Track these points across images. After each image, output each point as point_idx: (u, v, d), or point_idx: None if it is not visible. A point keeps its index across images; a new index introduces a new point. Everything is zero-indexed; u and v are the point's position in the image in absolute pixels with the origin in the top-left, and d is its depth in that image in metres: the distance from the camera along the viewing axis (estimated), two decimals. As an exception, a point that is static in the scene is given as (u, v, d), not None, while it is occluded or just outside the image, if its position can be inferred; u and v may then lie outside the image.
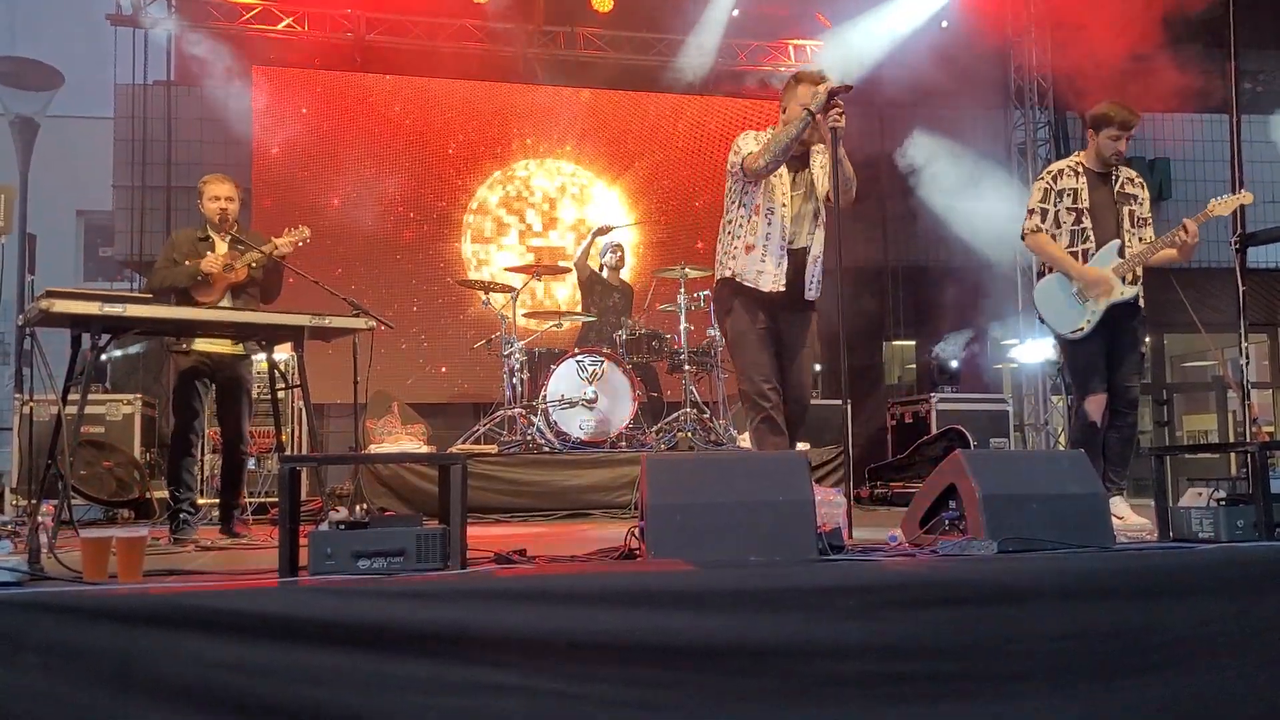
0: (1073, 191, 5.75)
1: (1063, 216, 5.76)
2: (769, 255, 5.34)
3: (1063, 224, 5.76)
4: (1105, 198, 5.76)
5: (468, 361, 11.01)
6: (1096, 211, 5.72)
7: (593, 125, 12.10)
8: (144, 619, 2.82)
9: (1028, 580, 3.36)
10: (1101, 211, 5.73)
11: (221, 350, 5.81)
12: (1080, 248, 5.72)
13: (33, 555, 3.58)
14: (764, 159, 5.23)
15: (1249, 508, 3.94)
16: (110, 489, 7.60)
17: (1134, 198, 5.82)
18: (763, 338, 5.37)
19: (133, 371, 10.13)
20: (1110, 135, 5.70)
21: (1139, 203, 5.82)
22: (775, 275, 5.32)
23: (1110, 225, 5.72)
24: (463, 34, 11.97)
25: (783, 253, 5.33)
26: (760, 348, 5.37)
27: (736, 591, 3.14)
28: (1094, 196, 5.74)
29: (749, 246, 5.38)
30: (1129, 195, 5.81)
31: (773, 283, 5.32)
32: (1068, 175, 5.78)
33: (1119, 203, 5.76)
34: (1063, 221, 5.76)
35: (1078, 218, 5.73)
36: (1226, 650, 3.40)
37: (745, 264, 5.37)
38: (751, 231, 5.38)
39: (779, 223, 5.34)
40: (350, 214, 11.12)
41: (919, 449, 9.72)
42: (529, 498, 7.68)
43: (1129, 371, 5.71)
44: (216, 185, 5.93)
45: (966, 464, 3.84)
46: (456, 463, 3.45)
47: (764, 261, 5.34)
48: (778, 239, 5.34)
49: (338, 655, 2.87)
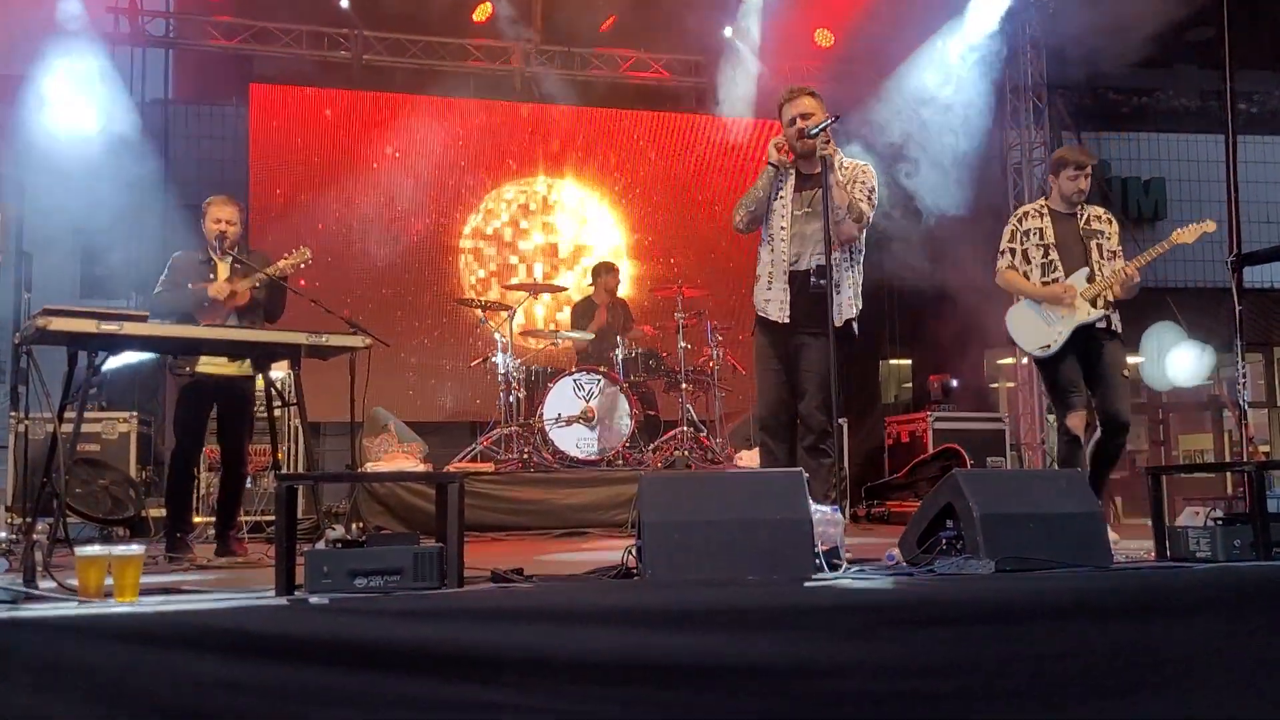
0: (1038, 230, 6.07)
1: (1031, 253, 6.07)
2: (774, 283, 5.39)
3: (1032, 259, 6.06)
4: (1071, 232, 6.05)
5: (465, 380, 11.00)
6: (1063, 245, 6.02)
7: (593, 143, 12.11)
8: (139, 637, 2.82)
9: (1025, 599, 3.36)
10: (1068, 245, 6.02)
11: (225, 371, 5.81)
12: (1050, 278, 5.99)
13: (28, 573, 3.57)
14: (736, 215, 5.49)
15: (1246, 527, 3.93)
16: (106, 507, 7.58)
17: (1101, 233, 6.08)
18: (775, 367, 5.42)
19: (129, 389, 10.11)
20: (1069, 176, 6.02)
21: (1106, 237, 6.08)
22: (781, 303, 5.35)
23: (1078, 256, 6.00)
24: (461, 52, 12.00)
25: (786, 278, 5.35)
26: (765, 376, 5.46)
27: (734, 610, 3.13)
28: (1059, 232, 6.04)
29: (758, 277, 5.50)
30: (1096, 230, 6.08)
31: (779, 311, 5.35)
32: (1033, 216, 6.12)
33: (1086, 237, 6.04)
34: (1032, 257, 6.06)
35: (1045, 252, 6.03)
36: (1223, 670, 3.40)
37: (758, 294, 5.48)
38: (760, 261, 5.50)
39: (780, 248, 5.38)
40: (347, 231, 11.12)
41: (916, 468, 9.72)
42: (526, 516, 7.68)
43: (1117, 396, 5.86)
44: (219, 208, 5.94)
45: (964, 483, 3.84)
46: (453, 481, 3.45)
47: (770, 289, 5.41)
48: (782, 265, 5.37)
49: (334, 674, 2.86)
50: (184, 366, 5.74)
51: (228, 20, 11.47)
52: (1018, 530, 3.71)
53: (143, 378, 9.89)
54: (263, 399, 6.72)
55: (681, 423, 8.71)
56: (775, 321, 5.37)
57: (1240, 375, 6.28)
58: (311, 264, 6.06)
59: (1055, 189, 6.13)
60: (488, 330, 9.18)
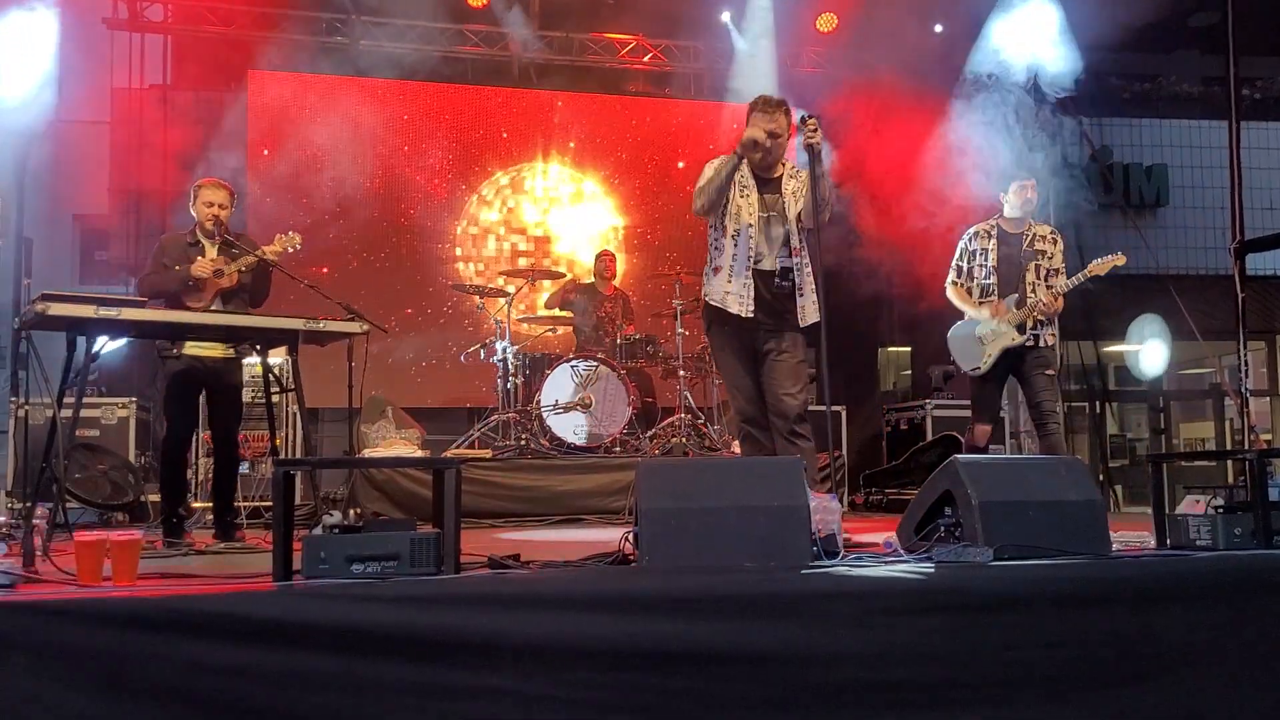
0: (983, 251, 6.58)
1: (975, 272, 6.61)
2: (735, 277, 5.33)
3: (975, 278, 6.60)
4: (1013, 255, 6.51)
5: (462, 366, 10.97)
6: (1002, 267, 6.51)
7: (589, 130, 12.08)
8: (137, 622, 2.82)
9: (1024, 587, 3.35)
10: (1006, 267, 6.50)
11: (212, 354, 5.79)
12: (986, 300, 6.53)
13: (27, 558, 3.58)
14: (698, 201, 5.41)
15: (1247, 515, 3.93)
16: (105, 492, 7.59)
17: (1043, 253, 6.50)
18: (738, 357, 5.40)
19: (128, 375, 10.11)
20: (1015, 189, 6.52)
21: (1049, 257, 6.51)
22: (741, 298, 5.30)
23: (1013, 279, 6.47)
24: (459, 38, 11.96)
25: (748, 275, 5.30)
26: (734, 367, 5.43)
27: (731, 597, 3.13)
28: (1002, 254, 6.52)
29: (718, 269, 5.42)
30: (1038, 251, 6.50)
31: (739, 305, 5.30)
32: (981, 237, 6.61)
33: (1025, 260, 6.47)
34: (975, 276, 6.60)
35: (986, 274, 6.55)
36: (1223, 658, 3.39)
37: (715, 286, 5.41)
38: (719, 253, 5.43)
39: (745, 244, 5.31)
40: (345, 217, 11.08)
41: (914, 455, 9.72)
42: (523, 502, 7.68)
43: (1039, 389, 6.40)
44: (211, 191, 5.90)
45: (962, 470, 3.84)
46: (451, 467, 3.44)
47: (730, 283, 5.34)
48: (744, 260, 5.31)
49: (331, 659, 2.86)
50: (173, 349, 5.72)
51: (226, 6, 11.42)
52: (1016, 518, 3.71)
53: (141, 363, 9.89)
54: (254, 383, 6.72)
55: (679, 410, 8.71)
56: (736, 315, 5.31)
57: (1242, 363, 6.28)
58: (305, 246, 6.05)
59: (1006, 203, 6.56)
60: (485, 316, 9.18)
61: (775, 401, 5.28)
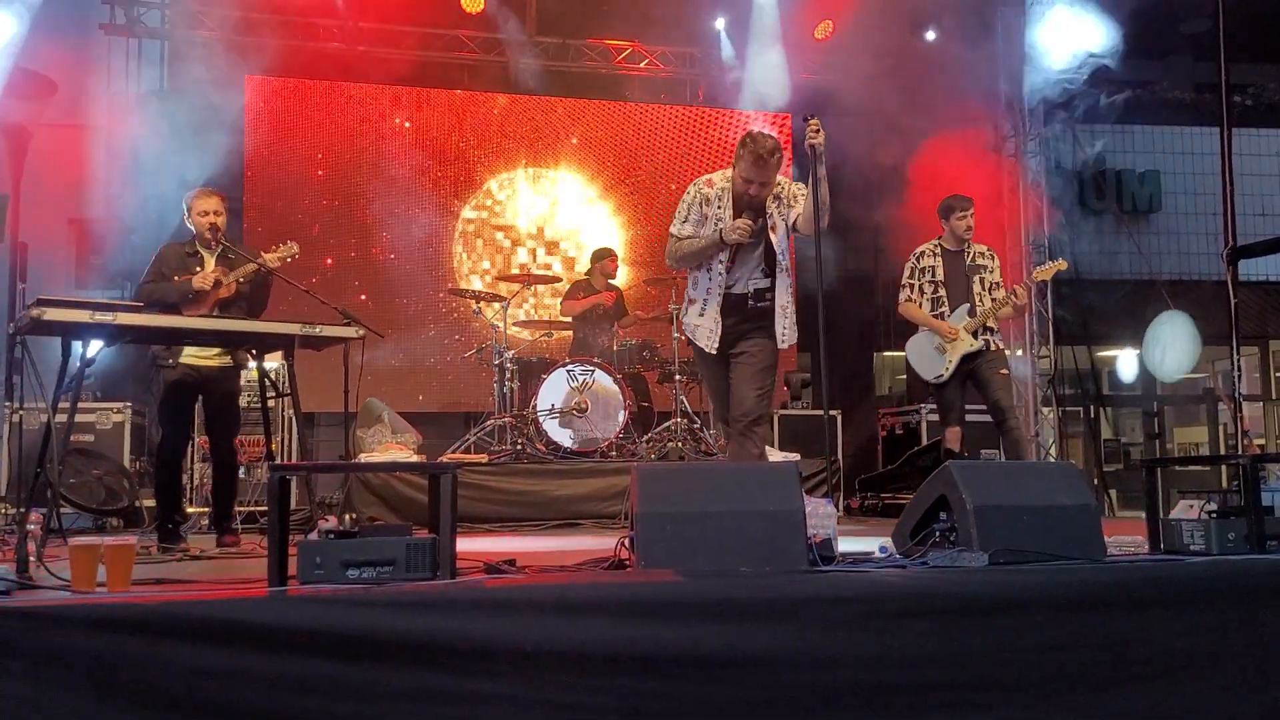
0: (931, 269, 7.11)
1: (925, 288, 7.12)
2: (706, 310, 5.34)
3: (925, 293, 7.12)
4: (958, 269, 7.07)
5: (458, 371, 11.00)
6: (950, 282, 7.07)
7: (585, 135, 12.10)
8: (131, 627, 2.81)
9: (1018, 592, 3.36)
10: (954, 281, 7.06)
11: (209, 363, 5.79)
12: (938, 311, 7.06)
13: (21, 564, 3.57)
14: (676, 264, 5.45)
15: (1240, 520, 3.94)
16: (100, 498, 7.58)
17: (984, 268, 7.10)
18: (719, 370, 5.42)
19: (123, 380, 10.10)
20: (958, 217, 7.04)
21: (989, 271, 7.10)
22: (710, 332, 5.31)
23: (961, 291, 7.04)
24: (455, 44, 11.97)
25: (717, 310, 5.30)
26: (711, 374, 5.51)
27: (726, 602, 3.13)
28: (948, 270, 7.07)
29: (692, 301, 5.43)
30: (980, 265, 7.09)
31: (708, 341, 5.32)
32: (928, 256, 7.13)
33: (970, 273, 7.05)
34: (925, 291, 7.12)
35: (936, 288, 7.08)
36: (1216, 663, 3.40)
37: (689, 318, 5.43)
38: (694, 285, 5.42)
39: (718, 270, 5.28)
40: (341, 223, 11.11)
41: (909, 460, 9.72)
42: (519, 507, 7.68)
43: (995, 388, 6.91)
44: (204, 200, 5.90)
45: (957, 475, 3.85)
46: (446, 472, 3.45)
47: (702, 316, 5.35)
48: (715, 291, 5.30)
49: (326, 665, 2.86)
50: (169, 358, 5.73)
51: (222, 11, 11.41)
52: (1011, 522, 3.71)
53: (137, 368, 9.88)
54: (250, 388, 6.71)
55: (675, 414, 8.71)
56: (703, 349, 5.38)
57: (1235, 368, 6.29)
58: (301, 253, 6.06)
59: (948, 230, 7.08)
60: (482, 321, 9.18)
61: (736, 402, 5.28)
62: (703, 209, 5.28)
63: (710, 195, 5.28)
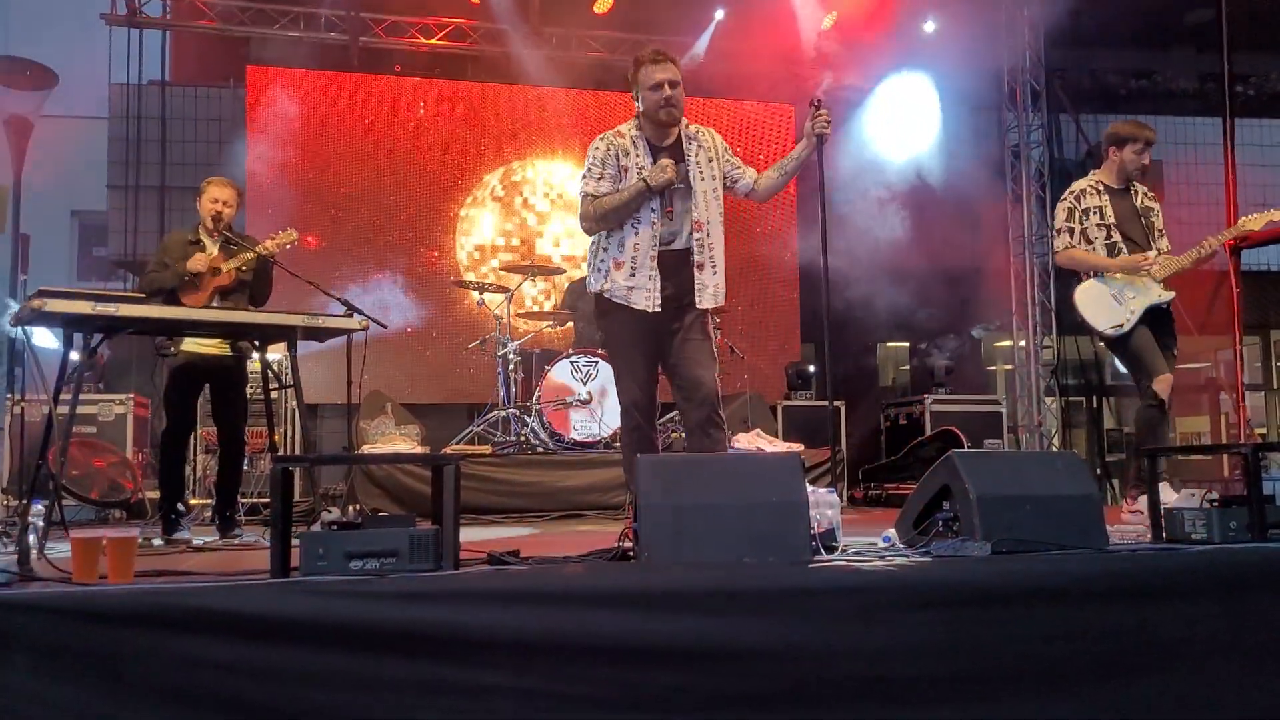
0: (1098, 209, 6.01)
1: (1092, 232, 6.01)
2: (639, 270, 4.83)
3: (1094, 239, 6.01)
4: (1129, 210, 6.04)
5: (462, 362, 10.99)
6: (1124, 224, 6.00)
7: (588, 126, 12.06)
8: (134, 619, 2.82)
9: (1021, 581, 3.36)
10: (1129, 224, 6.01)
11: (212, 351, 5.80)
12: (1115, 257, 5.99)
13: (23, 556, 3.57)
14: (590, 224, 4.96)
15: (1242, 509, 3.94)
16: (102, 489, 7.59)
17: (1152, 210, 6.10)
18: (637, 346, 4.92)
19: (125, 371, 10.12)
20: (1135, 150, 6.00)
21: (1156, 215, 6.11)
22: (649, 292, 4.81)
23: (1140, 235, 6.02)
24: (458, 34, 11.96)
25: (654, 265, 4.82)
26: (632, 356, 4.94)
27: (730, 593, 3.13)
28: (1119, 210, 6.01)
29: (618, 263, 4.87)
30: (1148, 208, 6.09)
31: (646, 300, 4.81)
32: (1090, 194, 6.05)
33: (1142, 215, 6.06)
34: (1094, 237, 6.01)
35: (1108, 232, 5.99)
36: (1218, 651, 3.40)
37: (615, 282, 4.88)
38: (619, 246, 4.88)
39: (647, 231, 4.83)
40: (344, 214, 11.11)
41: (913, 450, 9.73)
42: (523, 499, 7.68)
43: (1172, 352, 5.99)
44: (217, 188, 5.94)
45: (960, 465, 3.84)
46: (450, 463, 3.45)
47: (634, 277, 4.83)
48: (647, 249, 4.83)
49: (329, 656, 2.86)
50: (170, 347, 5.73)
51: (224, 2, 11.41)
52: (1014, 512, 3.71)
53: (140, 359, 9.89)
54: (257, 380, 6.71)
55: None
56: (643, 311, 4.83)
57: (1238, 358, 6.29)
58: (305, 242, 6.06)
59: (1115, 163, 6.08)
60: (485, 312, 9.18)
61: (691, 387, 4.85)
62: (619, 161, 4.88)
63: (624, 145, 4.91)
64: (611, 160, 4.90)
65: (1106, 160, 6.11)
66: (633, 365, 4.93)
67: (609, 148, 4.91)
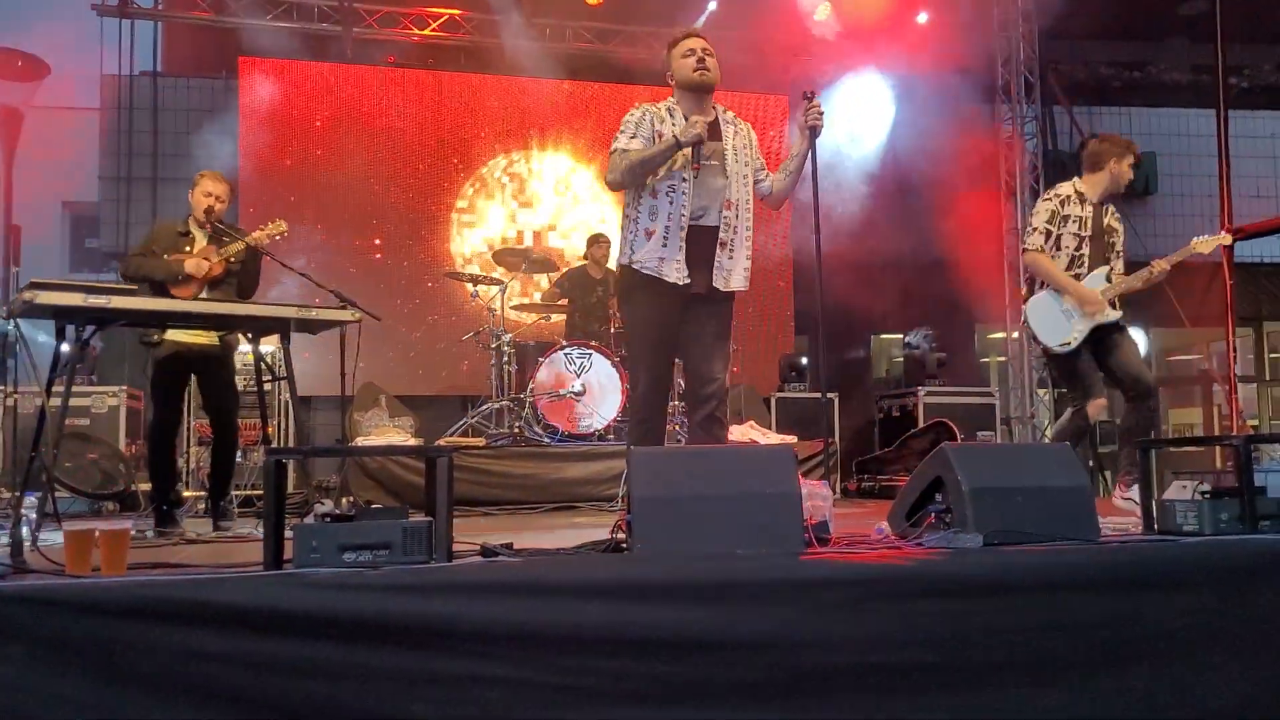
0: (1079, 220, 5.99)
1: (1065, 241, 5.99)
2: (670, 240, 4.78)
3: (1064, 247, 5.99)
4: (1098, 228, 6.04)
5: (456, 354, 10.99)
6: (1094, 239, 6.00)
7: (582, 118, 12.07)
8: (127, 611, 2.81)
9: (1013, 573, 3.36)
10: (1097, 240, 6.02)
11: (198, 341, 5.79)
12: (1075, 271, 5.98)
13: (15, 548, 3.56)
14: (622, 178, 4.85)
15: (1234, 501, 3.95)
16: (95, 481, 7.58)
17: (1115, 231, 6.10)
18: (661, 334, 4.87)
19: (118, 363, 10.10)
20: (1129, 164, 6.00)
21: (1119, 236, 6.11)
22: (679, 264, 4.77)
23: (1100, 254, 6.02)
24: (451, 25, 11.94)
25: (682, 238, 4.78)
26: (656, 343, 4.89)
27: (723, 584, 3.14)
28: (1094, 224, 6.00)
29: (649, 232, 4.81)
30: (1113, 228, 6.09)
31: (677, 273, 4.77)
32: (1074, 203, 6.01)
33: (1106, 234, 6.06)
34: (1065, 245, 5.99)
35: (1079, 244, 5.98)
36: (1209, 642, 3.41)
37: (647, 251, 4.81)
38: (651, 214, 4.82)
39: (681, 201, 4.78)
40: (337, 205, 11.09)
41: (906, 442, 9.74)
42: (516, 490, 7.69)
43: (1136, 361, 5.96)
44: (211, 182, 5.93)
45: (953, 457, 3.85)
46: (443, 455, 3.44)
47: (665, 247, 4.78)
48: (679, 220, 4.78)
49: (322, 648, 2.86)
50: (153, 335, 5.72)
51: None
52: (1006, 504, 3.72)
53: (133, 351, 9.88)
54: (249, 372, 6.71)
55: (673, 397, 8.71)
56: (672, 283, 4.78)
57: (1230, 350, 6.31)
58: (298, 234, 6.05)
59: (1106, 175, 6.02)
60: (479, 304, 9.17)
61: (702, 382, 4.86)
62: (654, 126, 4.87)
63: (660, 114, 4.91)
64: (646, 124, 4.89)
65: (1099, 172, 6.04)
66: (650, 353, 4.89)
67: (644, 114, 4.92)
